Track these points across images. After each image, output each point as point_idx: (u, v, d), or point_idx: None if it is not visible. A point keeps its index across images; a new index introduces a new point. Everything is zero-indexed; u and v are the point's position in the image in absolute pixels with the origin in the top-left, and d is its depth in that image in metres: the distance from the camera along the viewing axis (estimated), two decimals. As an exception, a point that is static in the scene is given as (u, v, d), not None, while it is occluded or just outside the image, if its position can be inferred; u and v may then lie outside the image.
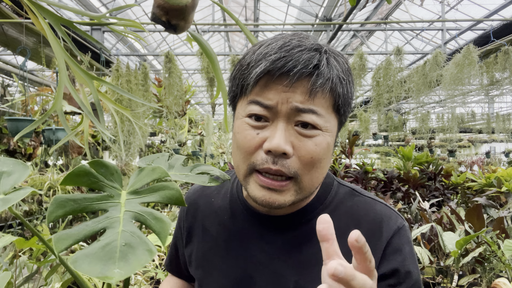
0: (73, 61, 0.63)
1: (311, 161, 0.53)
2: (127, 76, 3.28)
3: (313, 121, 0.53)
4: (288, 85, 0.52)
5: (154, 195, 0.54)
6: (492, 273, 1.86)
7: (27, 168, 0.59)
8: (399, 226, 0.60)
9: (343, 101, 0.56)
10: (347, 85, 0.56)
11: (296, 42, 0.54)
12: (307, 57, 0.52)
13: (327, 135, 0.55)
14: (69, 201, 0.48)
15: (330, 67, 0.54)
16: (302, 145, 0.53)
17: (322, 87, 0.52)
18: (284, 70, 0.51)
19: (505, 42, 3.76)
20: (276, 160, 0.53)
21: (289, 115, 0.53)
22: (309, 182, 0.55)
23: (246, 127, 0.56)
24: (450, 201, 3.65)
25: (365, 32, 7.19)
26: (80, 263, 0.40)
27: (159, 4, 0.64)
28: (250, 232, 0.66)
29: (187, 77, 9.35)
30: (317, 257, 0.59)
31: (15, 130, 2.60)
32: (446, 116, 7.81)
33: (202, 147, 9.60)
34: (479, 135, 14.08)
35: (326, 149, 0.55)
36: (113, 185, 0.55)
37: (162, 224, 0.48)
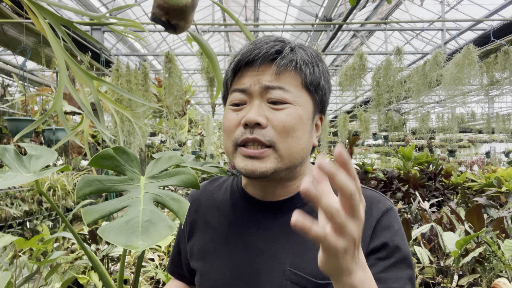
0: (73, 61, 0.63)
1: (284, 129, 0.60)
2: (127, 76, 3.28)
3: (281, 96, 0.61)
4: (256, 69, 0.62)
5: (171, 179, 0.58)
6: (492, 273, 1.86)
7: (54, 154, 0.66)
8: (388, 208, 0.65)
9: (310, 79, 0.63)
10: (314, 67, 0.64)
11: (264, 39, 0.64)
12: (270, 45, 0.62)
13: (298, 108, 0.62)
14: (95, 180, 0.53)
15: (293, 52, 0.63)
16: (274, 116, 0.60)
17: (286, 66, 0.61)
18: (251, 58, 0.62)
19: (505, 42, 3.76)
20: (252, 130, 0.60)
21: (261, 93, 0.61)
22: (286, 150, 0.61)
23: (229, 112, 0.65)
24: (450, 201, 3.65)
25: (365, 32, 7.19)
26: (107, 233, 0.45)
27: (159, 4, 0.64)
28: (249, 219, 0.70)
29: (187, 77, 9.35)
30: None
31: (15, 130, 2.60)
32: (446, 116, 7.81)
33: (202, 147, 9.61)
34: (479, 135, 14.08)
35: (298, 120, 0.61)
36: (133, 170, 0.61)
37: (180, 204, 0.52)
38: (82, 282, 1.81)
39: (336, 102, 12.89)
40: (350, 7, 3.51)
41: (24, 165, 0.63)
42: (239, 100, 0.63)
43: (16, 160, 0.63)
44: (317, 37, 7.57)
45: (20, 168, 0.61)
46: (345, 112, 7.70)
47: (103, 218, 0.51)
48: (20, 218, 4.15)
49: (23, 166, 0.62)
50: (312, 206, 0.64)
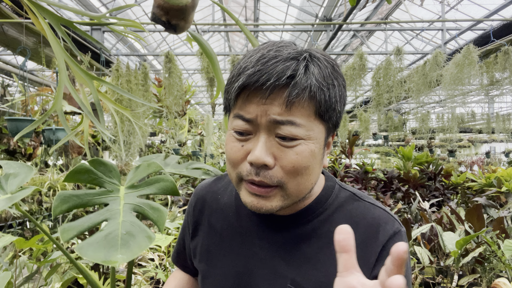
0: (73, 61, 0.63)
1: (294, 169, 0.55)
2: (127, 76, 3.27)
3: (291, 133, 0.54)
4: (264, 98, 0.54)
5: (151, 187, 0.57)
6: (492, 273, 1.86)
7: (32, 170, 0.64)
8: (395, 231, 0.62)
9: (325, 107, 0.56)
10: (329, 90, 0.56)
11: (273, 54, 0.55)
12: (281, 69, 0.53)
13: (310, 143, 0.56)
14: (72, 196, 0.52)
15: (307, 75, 0.54)
16: (283, 155, 0.55)
17: (299, 97, 0.53)
18: (259, 84, 0.53)
19: (505, 42, 3.76)
20: (258, 171, 0.55)
21: (269, 127, 0.55)
22: (295, 188, 0.57)
23: (232, 139, 0.59)
24: (450, 201, 3.65)
25: (365, 32, 7.19)
26: (85, 250, 0.44)
27: (159, 4, 0.64)
28: (253, 230, 0.68)
29: (187, 77, 9.36)
30: (316, 257, 0.62)
31: (15, 130, 2.60)
32: (446, 116, 7.81)
33: (202, 147, 9.60)
34: (479, 135, 14.08)
35: (310, 157, 0.56)
36: (112, 181, 0.59)
37: (159, 213, 0.52)
38: (82, 282, 1.81)
39: (336, 102, 12.86)
40: (350, 7, 3.51)
41: (1, 186, 0.62)
42: (243, 130, 0.57)
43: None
44: (317, 37, 7.57)
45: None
46: (345, 112, 7.69)
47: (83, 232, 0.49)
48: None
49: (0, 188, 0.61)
50: (315, 223, 0.64)
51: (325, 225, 0.64)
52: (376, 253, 0.59)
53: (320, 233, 0.63)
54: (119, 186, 0.59)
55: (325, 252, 0.61)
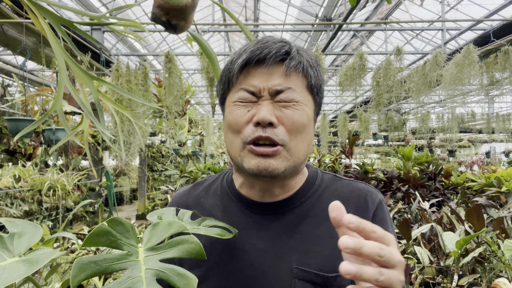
0: (73, 61, 0.63)
1: (294, 126, 0.62)
2: (127, 76, 3.27)
3: (289, 97, 0.62)
4: (265, 69, 0.62)
5: (174, 250, 0.52)
6: (492, 273, 1.86)
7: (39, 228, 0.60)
8: (380, 199, 0.70)
9: (315, 81, 0.65)
10: (316, 69, 0.66)
11: (269, 38, 0.65)
12: (279, 46, 0.63)
13: (304, 107, 0.64)
14: (90, 263, 0.48)
15: (299, 54, 0.64)
16: (284, 115, 0.62)
17: (295, 67, 0.62)
18: (261, 56, 0.61)
19: (505, 42, 3.76)
20: (265, 129, 0.61)
21: (271, 95, 0.62)
22: (295, 148, 0.63)
23: (236, 108, 0.64)
24: (450, 201, 3.65)
25: (365, 32, 7.19)
26: None
27: (159, 4, 0.64)
28: (246, 221, 0.68)
29: (187, 77, 9.35)
30: (316, 233, 0.65)
31: (15, 130, 2.60)
32: (446, 116, 7.80)
33: (202, 147, 9.60)
34: (479, 135, 14.08)
35: (305, 117, 0.63)
36: (130, 242, 0.54)
37: (186, 280, 0.47)
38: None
39: (336, 102, 12.89)
40: (350, 7, 3.51)
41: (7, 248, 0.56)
42: (247, 99, 0.63)
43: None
44: (317, 37, 7.57)
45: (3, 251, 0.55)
46: (345, 112, 7.70)
47: None
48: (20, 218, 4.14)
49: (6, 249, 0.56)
50: (308, 204, 0.68)
51: (318, 204, 0.69)
52: (369, 218, 0.67)
53: (314, 212, 0.68)
54: (137, 248, 0.55)
55: (323, 228, 0.65)
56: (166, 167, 9.86)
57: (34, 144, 3.98)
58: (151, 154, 9.31)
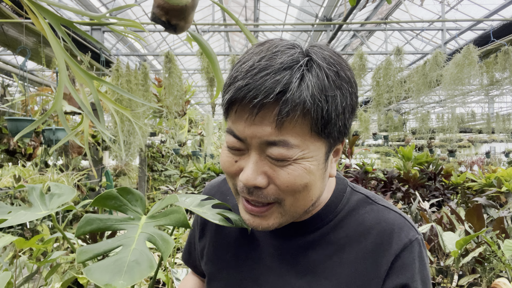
0: (73, 61, 0.63)
1: (288, 189, 0.52)
2: (127, 76, 3.27)
3: (280, 154, 0.49)
4: (252, 116, 0.49)
5: (165, 218, 0.60)
6: (492, 273, 1.86)
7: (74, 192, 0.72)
8: (411, 239, 0.57)
9: (322, 123, 0.49)
10: (329, 103, 0.49)
11: (264, 63, 0.48)
12: (271, 83, 0.47)
13: (304, 162, 0.51)
14: (96, 219, 0.57)
15: (301, 89, 0.47)
16: (276, 174, 0.51)
17: (289, 115, 0.47)
18: (246, 101, 0.48)
19: (505, 42, 3.76)
20: (251, 191, 0.53)
21: (261, 147, 0.51)
22: (293, 205, 0.54)
23: (227, 153, 0.56)
24: (450, 201, 3.65)
25: (365, 32, 7.19)
26: (92, 272, 0.47)
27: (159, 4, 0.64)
28: (260, 236, 0.66)
29: (187, 77, 9.35)
30: (324, 264, 0.59)
31: (15, 130, 2.60)
32: (446, 116, 7.81)
33: (202, 147, 9.60)
34: (479, 135, 14.08)
35: (305, 175, 0.51)
36: (136, 209, 0.64)
37: (167, 245, 0.54)
38: (82, 282, 1.81)
39: (336, 102, 12.84)
40: (350, 7, 3.51)
41: (45, 203, 0.69)
42: (236, 147, 0.53)
43: (39, 198, 0.70)
44: (317, 37, 7.57)
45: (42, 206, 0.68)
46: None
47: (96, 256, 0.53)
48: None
49: (44, 204, 0.69)
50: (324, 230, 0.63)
51: (335, 232, 0.60)
52: (388, 263, 0.55)
53: (329, 240, 0.60)
54: (141, 215, 0.63)
55: (334, 260, 0.59)
56: (166, 167, 9.86)
57: (34, 144, 3.98)
58: (151, 154, 9.31)
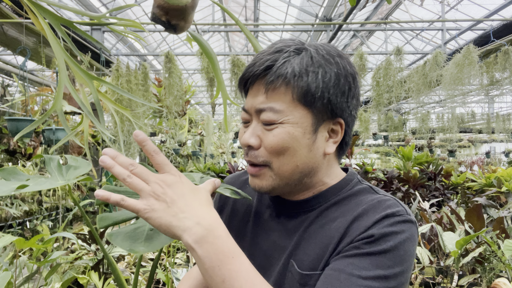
0: (73, 61, 0.63)
1: (273, 150, 0.61)
2: (127, 76, 3.27)
3: (268, 117, 0.61)
4: (251, 89, 0.64)
5: None
6: (492, 273, 1.86)
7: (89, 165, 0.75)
8: (400, 212, 0.58)
9: (303, 92, 0.59)
10: (309, 75, 0.59)
11: (266, 49, 0.63)
12: (263, 61, 0.61)
13: (287, 126, 0.60)
14: (114, 190, 0.60)
15: (285, 65, 0.60)
16: (264, 137, 0.62)
17: (273, 84, 0.60)
18: (245, 76, 0.63)
19: (505, 42, 3.76)
20: (247, 151, 0.64)
21: (257, 114, 0.63)
22: (280, 167, 0.62)
23: (241, 128, 0.68)
24: (450, 201, 3.65)
25: (365, 32, 7.19)
26: (115, 237, 0.52)
27: (159, 4, 0.64)
28: (270, 214, 0.73)
29: (187, 77, 9.35)
30: (315, 234, 0.64)
31: (15, 130, 2.60)
32: (446, 116, 7.80)
33: (202, 147, 9.60)
34: (479, 135, 14.07)
35: (288, 139, 0.60)
36: None
37: None
38: (82, 282, 1.81)
39: (336, 102, 12.85)
40: (350, 7, 3.51)
41: (62, 174, 0.73)
42: (244, 119, 0.66)
43: (57, 169, 0.73)
44: (317, 37, 7.57)
45: (59, 176, 0.72)
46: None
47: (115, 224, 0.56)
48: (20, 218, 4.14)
49: (61, 175, 0.72)
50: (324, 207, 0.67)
51: (333, 208, 0.66)
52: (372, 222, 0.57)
53: (325, 214, 0.65)
54: None
55: (325, 228, 0.63)
56: (166, 167, 9.85)
57: (34, 144, 3.99)
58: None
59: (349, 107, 0.64)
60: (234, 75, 3.71)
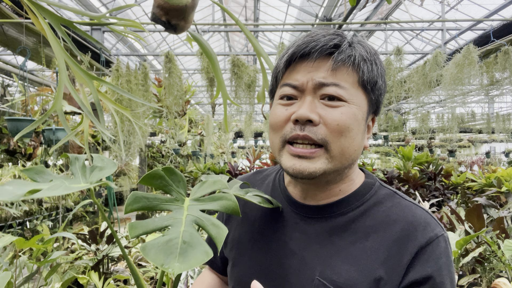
0: (73, 61, 0.63)
1: (338, 128, 0.56)
2: (127, 76, 3.27)
3: (336, 92, 0.57)
4: (311, 63, 0.58)
5: (214, 203, 0.59)
6: (492, 273, 1.86)
7: (115, 166, 0.70)
8: (437, 234, 0.57)
9: (368, 78, 0.58)
10: (372, 64, 0.59)
11: (320, 31, 0.61)
12: (329, 38, 0.58)
13: (353, 107, 0.57)
14: (143, 198, 0.56)
15: (352, 48, 0.59)
16: (328, 114, 0.57)
17: (344, 62, 0.57)
18: (306, 50, 0.58)
19: (505, 42, 3.76)
20: (303, 127, 0.57)
21: (315, 90, 0.58)
22: (339, 150, 0.57)
23: (277, 107, 0.62)
24: (450, 201, 3.65)
25: (365, 32, 7.19)
26: (148, 251, 0.46)
27: (159, 4, 0.64)
28: (285, 219, 0.67)
29: (187, 77, 9.35)
30: (348, 250, 0.59)
31: (15, 130, 2.60)
32: (446, 116, 7.80)
33: (202, 147, 9.61)
34: (479, 135, 14.07)
35: (353, 119, 0.57)
36: (179, 190, 0.62)
37: (218, 230, 0.52)
38: (82, 282, 1.81)
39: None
40: (350, 7, 3.51)
41: (85, 175, 0.66)
42: (290, 94, 0.60)
43: (81, 169, 0.67)
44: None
45: (82, 177, 0.66)
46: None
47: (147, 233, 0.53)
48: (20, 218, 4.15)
49: (84, 176, 0.66)
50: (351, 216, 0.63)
51: (361, 219, 0.61)
52: (411, 254, 0.55)
53: (354, 227, 0.61)
54: (184, 197, 0.62)
55: (358, 247, 0.59)
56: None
57: (34, 144, 3.99)
58: (151, 154, 9.30)
59: (381, 106, 0.64)
60: (234, 75, 3.71)
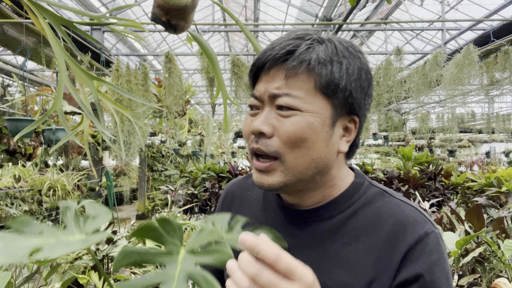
0: (73, 61, 0.63)
1: (289, 139, 0.56)
2: (127, 76, 3.27)
3: (286, 103, 0.56)
4: (267, 74, 0.58)
5: (209, 257, 0.58)
6: (492, 273, 1.86)
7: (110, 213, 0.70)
8: (427, 232, 0.57)
9: (326, 81, 0.56)
10: (333, 65, 0.56)
11: (285, 35, 0.59)
12: (284, 45, 0.56)
13: (307, 115, 0.56)
14: (134, 252, 0.54)
15: (308, 51, 0.56)
16: (280, 125, 0.56)
17: (295, 69, 0.55)
18: (261, 61, 0.58)
19: (505, 42, 3.76)
20: (257, 139, 0.58)
21: (271, 100, 0.58)
22: (294, 161, 0.57)
23: (246, 117, 0.63)
24: (450, 201, 3.65)
25: (365, 32, 7.19)
26: None
27: (159, 4, 0.64)
28: (277, 224, 0.68)
29: (187, 77, 9.35)
30: (339, 254, 0.59)
31: (15, 130, 2.60)
32: (446, 116, 7.80)
33: (202, 147, 9.61)
34: (479, 135, 14.07)
35: (307, 129, 0.56)
36: (173, 241, 0.61)
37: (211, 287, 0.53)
38: (82, 282, 1.81)
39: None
40: (350, 7, 3.51)
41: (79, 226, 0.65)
42: (254, 105, 0.61)
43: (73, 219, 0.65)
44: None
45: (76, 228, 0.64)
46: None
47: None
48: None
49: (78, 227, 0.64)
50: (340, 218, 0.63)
51: (350, 221, 0.61)
52: (401, 253, 0.55)
53: (344, 230, 0.61)
54: (179, 248, 0.61)
55: (349, 250, 0.59)
56: (166, 167, 9.86)
57: (34, 144, 3.98)
58: (151, 154, 9.30)
59: (365, 105, 0.61)
60: (234, 75, 3.71)
